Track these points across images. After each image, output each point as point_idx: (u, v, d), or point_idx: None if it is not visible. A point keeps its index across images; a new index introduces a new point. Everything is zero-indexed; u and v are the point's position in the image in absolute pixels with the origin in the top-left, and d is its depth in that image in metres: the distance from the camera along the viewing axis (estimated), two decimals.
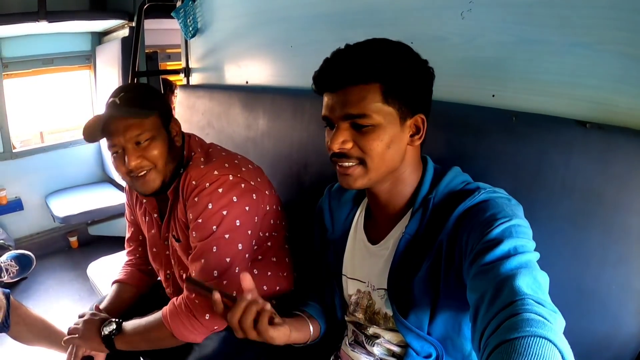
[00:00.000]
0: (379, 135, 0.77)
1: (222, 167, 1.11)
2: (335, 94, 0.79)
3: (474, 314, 0.65)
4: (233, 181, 1.09)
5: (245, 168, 1.16)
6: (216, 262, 1.06)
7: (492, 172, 0.95)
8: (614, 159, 0.82)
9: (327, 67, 0.79)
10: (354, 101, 0.77)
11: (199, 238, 1.08)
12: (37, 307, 2.46)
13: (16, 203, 3.16)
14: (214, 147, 1.23)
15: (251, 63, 1.83)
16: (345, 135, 0.78)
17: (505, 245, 0.68)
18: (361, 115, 0.76)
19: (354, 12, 1.33)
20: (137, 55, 2.26)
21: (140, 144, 1.07)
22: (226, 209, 1.07)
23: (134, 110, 1.06)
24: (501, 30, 0.99)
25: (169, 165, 1.12)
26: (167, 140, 1.12)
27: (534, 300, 0.58)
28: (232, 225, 1.07)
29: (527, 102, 0.96)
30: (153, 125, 1.09)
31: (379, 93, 0.76)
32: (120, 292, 1.34)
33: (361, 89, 0.76)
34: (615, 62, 0.84)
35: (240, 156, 1.23)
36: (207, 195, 1.07)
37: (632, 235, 0.81)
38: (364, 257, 0.94)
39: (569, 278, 0.87)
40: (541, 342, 0.51)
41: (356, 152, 0.79)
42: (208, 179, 1.08)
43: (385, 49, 0.78)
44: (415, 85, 0.79)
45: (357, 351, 0.97)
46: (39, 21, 2.65)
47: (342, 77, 0.77)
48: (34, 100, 3.39)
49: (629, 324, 0.83)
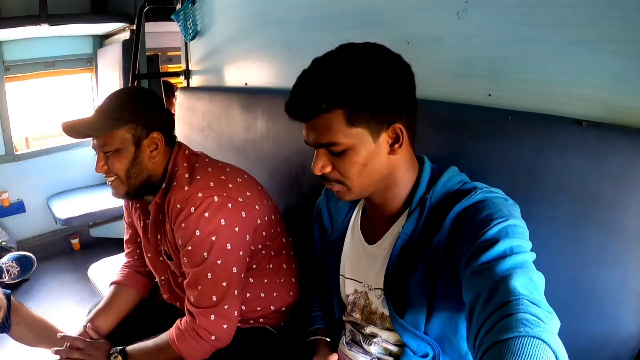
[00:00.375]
0: (352, 158, 0.79)
1: (207, 187, 1.07)
2: (306, 123, 0.81)
3: (469, 313, 0.65)
4: (219, 202, 1.06)
5: (233, 183, 1.12)
6: (213, 288, 1.06)
7: (488, 171, 0.95)
8: (610, 158, 0.82)
9: (293, 98, 0.80)
10: (321, 130, 0.78)
11: (191, 265, 1.07)
12: (38, 309, 2.45)
13: (18, 205, 3.18)
14: (201, 161, 1.17)
15: (250, 65, 1.84)
16: (324, 160, 0.81)
17: (501, 245, 0.67)
18: (330, 143, 0.78)
19: (351, 13, 1.33)
20: (137, 57, 2.27)
21: (106, 154, 1.10)
22: (215, 234, 1.05)
23: (100, 121, 1.08)
24: (497, 30, 0.99)
25: (131, 179, 1.12)
26: (132, 155, 1.10)
27: (529, 300, 0.58)
28: (223, 249, 1.06)
29: (523, 102, 0.96)
30: (119, 139, 1.08)
31: (342, 118, 0.76)
32: (117, 294, 1.34)
33: (325, 117, 0.77)
34: (612, 61, 0.84)
35: (230, 168, 1.19)
36: (194, 221, 1.04)
37: (630, 234, 0.80)
38: (360, 257, 0.94)
39: (566, 278, 0.86)
40: (535, 342, 0.51)
41: (335, 175, 0.82)
42: (192, 202, 1.05)
43: (345, 69, 0.76)
44: (382, 99, 0.77)
45: (354, 350, 0.97)
46: (41, 24, 2.66)
47: (305, 109, 0.79)
48: (34, 104, 3.40)
49: (628, 324, 0.83)
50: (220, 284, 1.06)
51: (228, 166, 1.20)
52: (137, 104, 1.12)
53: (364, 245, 0.94)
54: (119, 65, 3.02)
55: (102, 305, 1.30)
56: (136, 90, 1.25)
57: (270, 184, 1.57)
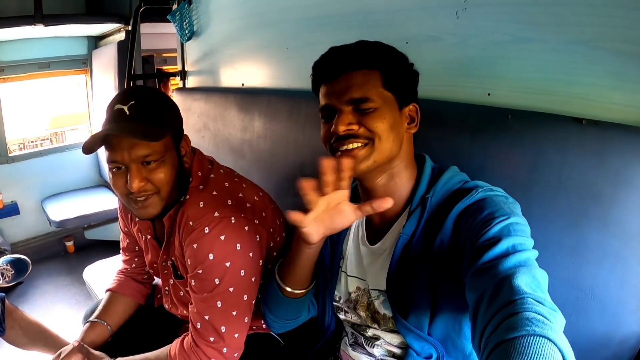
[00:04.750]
0: (382, 116, 0.81)
1: (224, 205, 0.99)
2: (336, 81, 0.82)
3: (473, 313, 0.64)
4: (235, 225, 0.97)
5: (251, 202, 1.05)
6: (222, 317, 0.98)
7: (488, 170, 0.95)
8: (610, 156, 0.82)
9: (330, 55, 0.84)
10: (357, 85, 0.80)
11: (200, 290, 0.98)
12: (33, 312, 2.45)
13: (12, 207, 3.15)
14: (215, 172, 1.08)
15: (247, 65, 1.84)
16: (350, 118, 0.81)
17: (503, 243, 0.67)
18: (364, 98, 0.80)
19: (348, 13, 1.33)
20: (133, 58, 2.26)
21: (147, 165, 0.94)
22: (229, 259, 0.96)
23: (146, 127, 0.92)
24: (496, 29, 0.99)
25: (174, 191, 1.00)
26: (176, 162, 1.00)
27: (534, 298, 0.58)
28: (237, 276, 0.97)
29: (523, 100, 0.97)
30: (164, 146, 0.96)
31: (379, 79, 0.81)
32: (114, 303, 1.28)
33: (363, 73, 0.81)
34: (611, 59, 0.85)
35: (246, 184, 1.10)
36: (208, 243, 0.95)
37: (630, 232, 0.81)
38: (362, 256, 0.94)
39: (566, 276, 0.86)
40: (541, 341, 0.51)
41: (364, 132, 0.81)
42: (207, 222, 0.95)
43: (380, 44, 0.85)
44: (408, 77, 0.86)
45: (358, 351, 0.96)
46: (35, 25, 2.64)
47: (345, 63, 0.82)
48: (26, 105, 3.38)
49: (628, 322, 0.83)
50: (231, 313, 0.99)
51: (244, 181, 1.12)
52: (170, 104, 1.03)
53: (366, 244, 0.93)
54: (114, 66, 2.99)
55: (98, 314, 1.25)
56: (154, 90, 1.09)
57: (267, 185, 1.55)
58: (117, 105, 0.95)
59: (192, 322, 1.03)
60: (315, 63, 0.86)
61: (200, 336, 1.00)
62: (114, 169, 0.96)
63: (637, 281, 0.81)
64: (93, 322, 1.23)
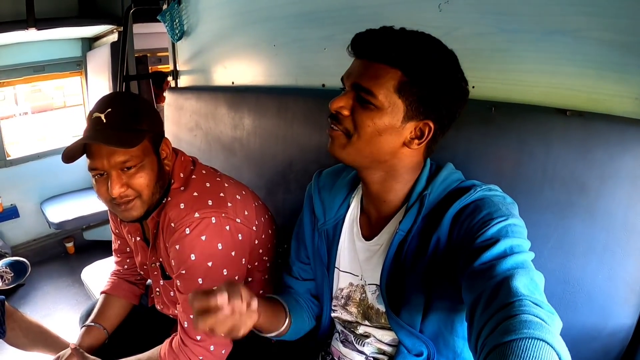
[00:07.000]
0: (375, 117, 0.75)
1: (205, 205, 1.00)
2: (359, 60, 0.78)
3: (470, 314, 0.64)
4: (217, 224, 0.99)
5: (232, 202, 1.05)
6: None
7: (472, 163, 0.94)
8: (595, 147, 0.81)
9: (366, 34, 0.77)
10: (368, 75, 0.75)
11: (185, 289, 1.01)
12: (35, 313, 2.47)
13: (12, 210, 3.16)
14: (197, 172, 1.09)
15: (236, 63, 1.83)
16: (347, 102, 0.77)
17: (501, 244, 0.67)
18: (368, 90, 0.74)
19: (334, 9, 1.32)
20: (125, 59, 2.26)
21: (126, 171, 0.96)
22: (211, 259, 0.98)
23: (122, 134, 0.94)
24: (478, 21, 0.98)
25: (155, 194, 1.01)
26: (156, 166, 1.01)
27: (531, 301, 0.58)
28: (219, 275, 1.00)
29: (507, 93, 0.96)
30: (142, 151, 0.97)
31: (395, 80, 0.74)
32: (108, 306, 1.30)
33: (380, 67, 0.74)
34: (595, 49, 0.84)
35: (228, 183, 1.11)
36: (190, 244, 0.97)
37: (617, 224, 0.80)
38: (357, 252, 0.93)
39: (553, 268, 0.86)
40: (538, 344, 0.51)
41: (348, 123, 0.77)
42: (188, 223, 0.97)
43: (430, 46, 0.75)
44: (439, 93, 0.75)
45: (348, 347, 0.96)
46: (28, 29, 2.63)
47: (370, 48, 0.76)
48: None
49: (617, 314, 0.83)
50: None
51: (226, 180, 1.13)
52: (148, 108, 1.03)
53: (361, 240, 0.92)
54: (108, 67, 2.99)
55: (93, 317, 1.26)
56: (132, 94, 1.13)
57: (258, 181, 1.56)
58: (95, 114, 0.97)
59: (179, 322, 1.04)
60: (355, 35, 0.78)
61: (188, 335, 1.02)
62: (95, 176, 0.98)
63: (625, 273, 0.81)
64: (89, 326, 1.25)
